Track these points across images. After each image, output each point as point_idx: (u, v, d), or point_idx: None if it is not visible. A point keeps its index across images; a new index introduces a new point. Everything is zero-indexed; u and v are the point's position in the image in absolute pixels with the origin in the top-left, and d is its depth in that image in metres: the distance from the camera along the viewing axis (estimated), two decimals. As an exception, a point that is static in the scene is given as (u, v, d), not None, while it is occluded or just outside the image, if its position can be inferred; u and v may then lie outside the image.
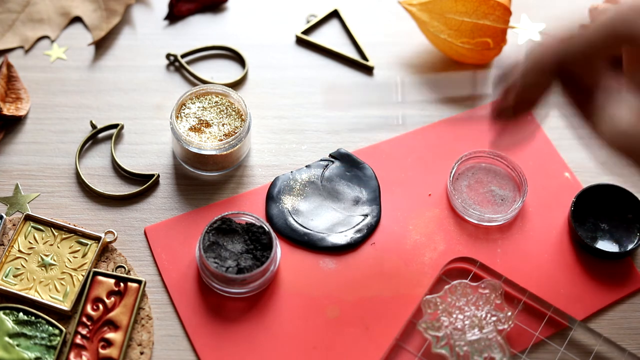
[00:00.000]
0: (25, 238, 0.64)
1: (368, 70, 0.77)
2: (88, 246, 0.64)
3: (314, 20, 0.79)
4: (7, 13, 0.78)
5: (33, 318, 0.60)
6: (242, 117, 0.68)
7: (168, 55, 0.76)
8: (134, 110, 0.73)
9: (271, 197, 0.68)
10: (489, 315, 0.60)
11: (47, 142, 0.71)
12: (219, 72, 0.76)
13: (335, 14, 0.81)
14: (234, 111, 0.69)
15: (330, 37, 0.79)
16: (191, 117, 0.68)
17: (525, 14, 0.80)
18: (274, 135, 0.72)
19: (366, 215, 0.67)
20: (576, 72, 0.49)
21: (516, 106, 0.52)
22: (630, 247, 0.65)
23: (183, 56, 0.76)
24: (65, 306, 0.61)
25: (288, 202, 0.68)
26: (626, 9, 0.47)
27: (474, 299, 0.61)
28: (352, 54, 0.78)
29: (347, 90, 0.69)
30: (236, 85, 0.75)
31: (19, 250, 0.64)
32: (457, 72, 0.58)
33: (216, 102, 0.69)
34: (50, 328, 0.60)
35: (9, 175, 0.69)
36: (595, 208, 0.67)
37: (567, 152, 0.71)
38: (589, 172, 0.70)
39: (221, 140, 0.67)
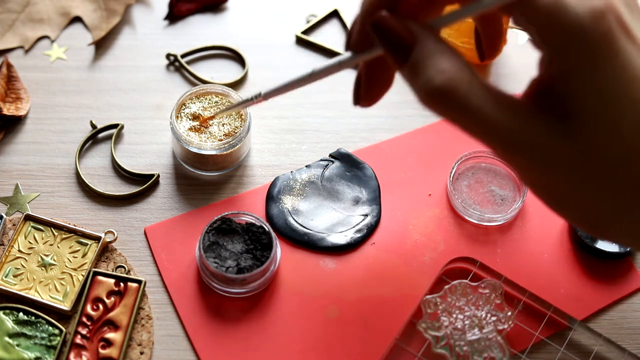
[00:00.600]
0: (25, 238, 0.64)
1: (368, 70, 0.77)
2: (88, 246, 0.64)
3: (314, 20, 0.80)
4: (7, 13, 0.78)
5: (33, 318, 0.60)
6: (242, 117, 0.68)
7: (168, 55, 0.76)
8: (134, 110, 0.73)
9: (271, 197, 0.68)
10: (489, 315, 0.60)
11: (47, 142, 0.71)
12: (219, 72, 0.76)
13: (335, 14, 0.81)
14: (234, 111, 0.69)
15: (330, 37, 0.79)
16: (191, 117, 0.68)
17: (525, 14, 0.80)
18: (274, 135, 0.72)
19: (366, 215, 0.67)
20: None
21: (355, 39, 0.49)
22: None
23: (183, 56, 0.76)
24: (65, 306, 0.61)
25: (288, 202, 0.68)
26: None
27: (474, 299, 0.61)
28: (352, 54, 0.78)
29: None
30: (236, 85, 0.75)
31: (19, 250, 0.64)
32: None
33: (216, 102, 0.69)
34: (50, 328, 0.60)
35: (9, 175, 0.69)
36: (595, 208, 0.67)
37: (567, 152, 0.71)
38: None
39: (221, 140, 0.67)
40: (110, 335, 0.60)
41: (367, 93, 0.53)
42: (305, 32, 0.79)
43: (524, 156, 0.44)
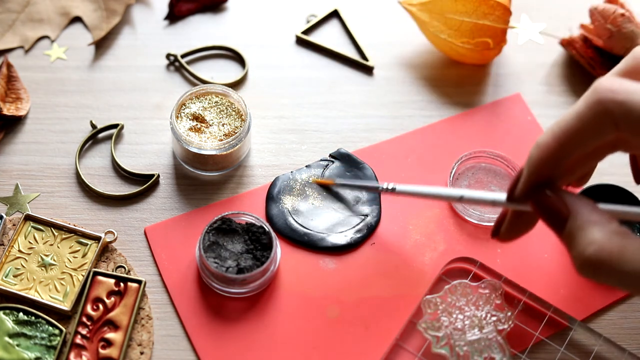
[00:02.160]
0: (25, 238, 0.64)
1: (368, 70, 0.77)
2: (88, 246, 0.64)
3: (314, 20, 0.80)
4: (7, 13, 0.78)
5: (33, 318, 0.60)
6: (242, 117, 0.68)
7: (168, 55, 0.76)
8: (134, 110, 0.73)
9: (271, 197, 0.68)
10: (489, 315, 0.60)
11: (47, 142, 0.71)
12: (219, 72, 0.76)
13: (335, 14, 0.81)
14: (234, 111, 0.69)
15: (330, 37, 0.79)
16: (191, 117, 0.68)
17: (525, 14, 0.81)
18: (274, 135, 0.72)
19: (366, 215, 0.67)
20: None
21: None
22: (630, 247, 0.65)
23: (183, 56, 0.76)
24: (65, 306, 0.61)
25: (288, 202, 0.68)
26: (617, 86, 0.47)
27: (474, 299, 0.61)
28: (352, 54, 0.78)
29: None
30: (236, 85, 0.75)
31: (19, 250, 0.64)
32: None
33: (216, 102, 0.69)
34: (50, 328, 0.60)
35: (9, 175, 0.69)
36: (595, 208, 0.67)
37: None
38: (589, 172, 0.70)
39: (221, 140, 0.67)
40: (110, 335, 0.60)
41: (508, 233, 0.56)
42: (305, 32, 0.79)
43: None
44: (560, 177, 0.50)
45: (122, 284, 0.62)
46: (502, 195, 0.54)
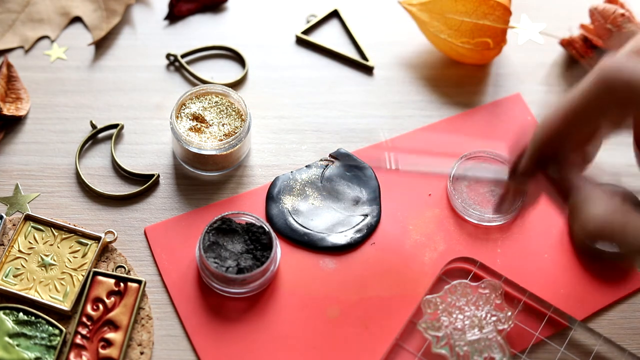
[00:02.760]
0: (25, 238, 0.64)
1: (368, 70, 0.77)
2: (88, 246, 0.64)
3: (314, 20, 0.79)
4: (7, 13, 0.78)
5: (33, 318, 0.60)
6: (242, 117, 0.68)
7: (168, 55, 0.76)
8: (134, 110, 0.73)
9: (271, 197, 0.68)
10: (489, 315, 0.60)
11: (47, 142, 0.71)
12: (219, 72, 0.76)
13: (335, 14, 0.81)
14: (234, 111, 0.69)
15: (330, 37, 0.79)
16: (191, 117, 0.68)
17: (525, 14, 0.80)
18: (274, 135, 0.72)
19: (366, 215, 0.67)
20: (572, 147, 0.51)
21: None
22: (630, 247, 0.65)
23: (183, 56, 0.76)
24: (65, 306, 0.61)
25: (288, 202, 0.68)
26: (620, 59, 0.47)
27: (474, 299, 0.61)
28: (352, 54, 0.78)
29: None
30: (236, 85, 0.75)
31: (19, 250, 0.64)
32: None
33: (216, 102, 0.69)
34: (50, 328, 0.60)
35: (9, 175, 0.69)
36: (595, 208, 0.67)
37: (567, 152, 0.71)
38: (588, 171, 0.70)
39: (221, 140, 0.67)
40: (110, 335, 0.60)
41: (508, 209, 0.58)
42: (305, 32, 0.79)
43: None
44: (565, 154, 0.50)
45: (122, 284, 0.62)
46: (503, 174, 0.54)
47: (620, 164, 0.68)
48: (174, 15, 0.79)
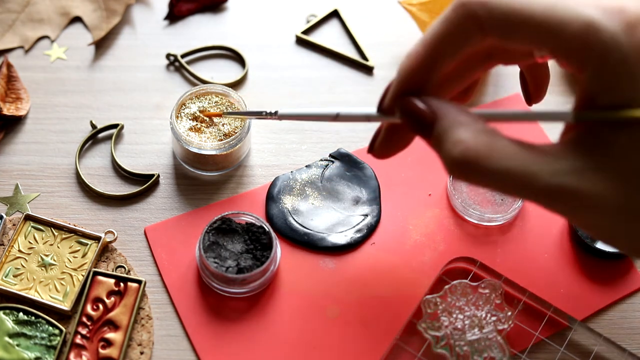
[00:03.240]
0: (25, 238, 0.64)
1: (368, 70, 0.77)
2: (88, 246, 0.64)
3: (314, 20, 0.80)
4: (7, 13, 0.78)
5: (33, 318, 0.60)
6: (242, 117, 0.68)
7: (168, 55, 0.76)
8: (134, 110, 0.73)
9: (271, 197, 0.68)
10: (489, 315, 0.60)
11: (47, 142, 0.71)
12: (219, 72, 0.76)
13: (335, 14, 0.81)
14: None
15: (330, 37, 0.79)
16: (191, 117, 0.68)
17: (525, 14, 0.80)
18: (274, 135, 0.72)
19: (366, 215, 0.67)
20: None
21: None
22: (630, 247, 0.65)
23: (183, 56, 0.76)
24: (65, 306, 0.61)
25: (288, 202, 0.68)
26: None
27: (474, 299, 0.61)
28: (352, 54, 0.78)
29: None
30: (236, 85, 0.75)
31: (19, 250, 0.64)
32: None
33: (216, 102, 0.69)
34: (50, 328, 0.60)
35: (9, 175, 0.69)
36: (595, 208, 0.67)
37: (567, 152, 0.71)
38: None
39: (221, 140, 0.67)
40: (110, 335, 0.60)
41: (382, 149, 0.54)
42: (305, 32, 0.79)
43: (563, 205, 0.43)
44: (435, 88, 0.48)
45: (122, 284, 0.62)
46: (373, 109, 0.52)
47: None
48: (174, 15, 0.79)
